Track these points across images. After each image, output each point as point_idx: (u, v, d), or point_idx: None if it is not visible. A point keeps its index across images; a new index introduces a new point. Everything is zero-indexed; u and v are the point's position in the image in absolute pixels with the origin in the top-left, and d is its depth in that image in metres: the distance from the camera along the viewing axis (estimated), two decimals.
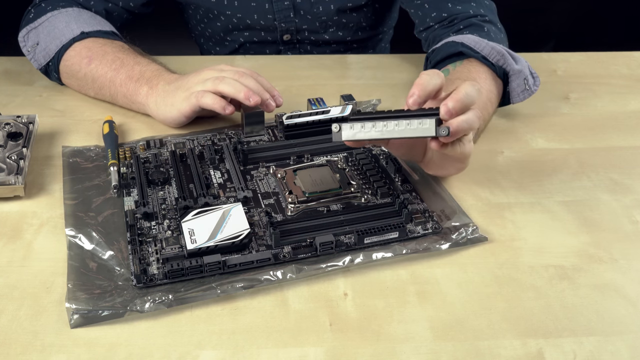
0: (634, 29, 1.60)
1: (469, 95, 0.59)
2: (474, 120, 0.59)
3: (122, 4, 0.94)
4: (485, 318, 0.56)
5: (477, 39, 0.81)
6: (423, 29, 0.92)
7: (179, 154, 0.73)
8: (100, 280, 0.57)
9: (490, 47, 0.80)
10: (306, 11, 1.00)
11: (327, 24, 1.02)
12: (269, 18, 1.00)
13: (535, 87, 0.82)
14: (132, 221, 0.63)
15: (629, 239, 0.65)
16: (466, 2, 0.89)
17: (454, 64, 0.80)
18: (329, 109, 0.77)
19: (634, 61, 1.02)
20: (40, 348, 0.52)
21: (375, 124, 0.60)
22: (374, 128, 0.60)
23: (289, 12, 1.00)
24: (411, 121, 0.59)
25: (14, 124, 0.76)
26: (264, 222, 0.64)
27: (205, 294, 0.56)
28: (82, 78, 0.84)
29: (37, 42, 0.86)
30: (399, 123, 0.59)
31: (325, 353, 0.52)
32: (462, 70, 0.78)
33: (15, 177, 0.67)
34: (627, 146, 0.81)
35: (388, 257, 0.61)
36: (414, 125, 0.59)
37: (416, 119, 0.59)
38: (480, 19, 0.87)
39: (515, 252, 0.63)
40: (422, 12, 0.92)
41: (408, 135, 0.59)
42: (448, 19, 0.89)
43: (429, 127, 0.58)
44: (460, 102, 0.58)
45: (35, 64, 0.87)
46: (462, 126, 0.58)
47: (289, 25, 1.02)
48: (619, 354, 0.53)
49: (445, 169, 0.68)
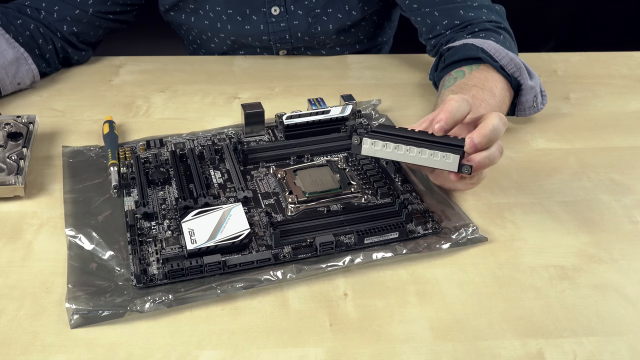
0: (634, 29, 1.60)
1: (496, 130, 0.59)
2: (496, 155, 0.60)
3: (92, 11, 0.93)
4: (485, 318, 0.56)
5: (497, 46, 0.80)
6: (432, 36, 0.91)
7: (179, 154, 0.73)
8: (100, 281, 0.57)
9: (509, 58, 0.79)
10: (303, 33, 0.99)
11: (325, 42, 1.01)
12: (264, 39, 0.99)
13: (542, 106, 0.82)
14: (132, 221, 0.63)
15: (629, 239, 0.65)
16: (478, 9, 0.88)
17: (470, 66, 0.79)
18: (329, 109, 0.77)
19: (634, 61, 1.02)
20: (40, 348, 0.52)
21: (398, 146, 0.59)
22: (396, 150, 0.59)
23: (285, 34, 0.99)
24: (435, 152, 0.58)
25: (14, 124, 0.76)
26: (264, 222, 0.64)
27: (205, 294, 0.56)
28: None
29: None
30: (423, 152, 0.58)
31: (326, 353, 0.52)
32: (478, 76, 0.77)
33: (15, 177, 0.67)
34: (627, 146, 0.81)
35: (388, 257, 0.61)
36: (438, 157, 0.58)
37: (440, 152, 0.58)
38: (494, 24, 0.87)
39: (515, 252, 0.63)
40: (432, 20, 0.90)
41: (429, 165, 0.59)
42: (460, 25, 0.88)
43: (452, 163, 0.58)
44: (486, 138, 0.58)
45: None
46: (484, 163, 0.59)
47: (285, 46, 1.01)
48: (619, 354, 0.53)
49: (456, 186, 0.68)
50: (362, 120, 0.81)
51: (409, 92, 0.92)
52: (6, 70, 0.85)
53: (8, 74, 0.85)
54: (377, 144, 0.59)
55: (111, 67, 0.96)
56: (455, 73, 0.79)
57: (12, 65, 0.86)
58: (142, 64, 0.98)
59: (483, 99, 0.73)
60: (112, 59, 0.98)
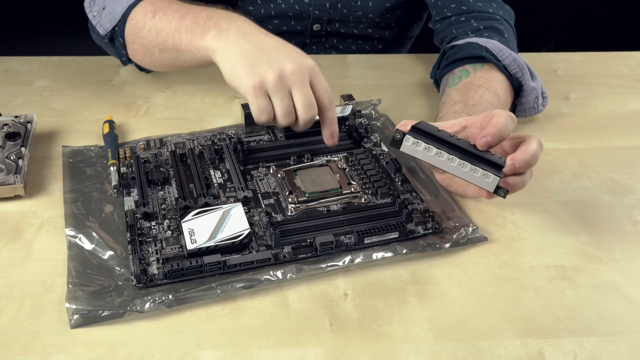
0: (634, 29, 1.59)
1: (536, 156, 0.59)
2: (527, 180, 0.61)
3: None
4: (485, 318, 0.56)
5: (501, 46, 0.80)
6: (439, 19, 0.92)
7: (179, 153, 0.73)
8: (100, 281, 0.57)
9: (512, 58, 0.79)
10: (343, 4, 0.99)
11: (360, 20, 1.02)
12: (304, 3, 0.99)
13: (542, 107, 0.83)
14: (132, 221, 0.63)
15: (629, 239, 0.65)
16: (488, 1, 0.89)
17: (474, 66, 0.79)
18: None
19: (634, 61, 1.02)
20: (41, 348, 0.52)
21: (440, 153, 0.58)
22: (437, 156, 0.58)
23: (326, 2, 0.99)
24: (476, 169, 0.58)
25: (12, 124, 0.76)
26: (264, 222, 0.64)
27: (206, 294, 0.56)
28: (147, 35, 0.77)
29: (104, 6, 0.82)
30: (464, 165, 0.58)
31: (326, 353, 0.52)
32: (483, 76, 0.77)
33: (14, 176, 0.67)
34: (627, 146, 0.81)
35: (388, 257, 0.61)
36: (478, 174, 0.58)
37: (481, 169, 0.58)
38: (499, 21, 0.87)
39: (516, 252, 0.63)
40: (442, 3, 0.91)
41: (466, 178, 0.59)
42: (466, 13, 0.88)
43: (491, 183, 0.58)
44: (526, 163, 0.59)
45: (100, 29, 0.82)
46: (517, 187, 0.60)
47: (322, 14, 1.01)
48: (619, 354, 0.53)
49: (466, 193, 0.68)
50: (362, 120, 0.81)
51: (409, 92, 0.92)
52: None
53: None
54: (420, 145, 0.58)
55: (111, 67, 0.96)
56: (459, 72, 0.79)
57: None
58: None
59: (489, 101, 0.73)
60: (112, 59, 0.98)
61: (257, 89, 0.65)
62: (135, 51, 0.81)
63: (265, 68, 0.65)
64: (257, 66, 0.65)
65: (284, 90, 0.65)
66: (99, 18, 0.82)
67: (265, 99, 0.66)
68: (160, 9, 0.77)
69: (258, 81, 0.65)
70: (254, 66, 0.65)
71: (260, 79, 0.65)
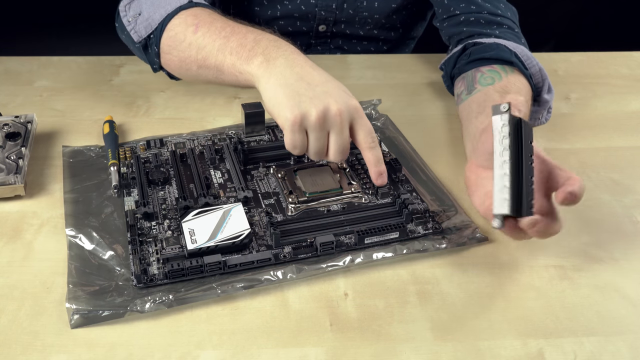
0: (634, 29, 1.59)
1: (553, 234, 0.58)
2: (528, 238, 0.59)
3: None
4: (485, 318, 0.56)
5: (528, 54, 0.79)
6: (446, 17, 0.90)
7: (179, 154, 0.73)
8: (100, 281, 0.57)
9: (538, 68, 0.78)
10: (350, 4, 0.99)
11: (366, 20, 1.02)
12: (311, 3, 0.99)
13: (545, 120, 0.82)
14: (132, 221, 0.63)
15: (629, 239, 0.65)
16: (497, 1, 0.88)
17: (504, 68, 0.78)
18: None
19: (634, 61, 1.02)
20: (41, 348, 0.52)
21: (505, 160, 0.56)
22: (502, 149, 0.56)
23: (332, 3, 0.99)
24: (505, 190, 0.55)
25: (12, 124, 0.76)
26: (264, 222, 0.64)
27: (206, 294, 0.56)
28: (186, 48, 0.75)
29: (140, 12, 0.80)
30: (506, 178, 0.55)
31: (326, 353, 0.52)
32: (516, 83, 0.75)
33: (14, 176, 0.67)
34: (628, 146, 0.81)
35: (388, 257, 0.61)
36: (504, 194, 0.55)
37: (509, 197, 0.55)
38: (510, 21, 0.86)
39: (516, 252, 0.63)
40: (448, 1, 0.90)
41: (495, 187, 0.56)
42: (475, 13, 0.87)
43: (501, 209, 0.55)
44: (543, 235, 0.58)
45: (135, 36, 0.79)
46: (541, 237, 0.59)
47: (328, 15, 1.01)
48: (619, 354, 0.53)
49: (472, 197, 0.66)
50: None
51: (409, 92, 0.92)
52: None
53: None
54: (505, 129, 0.56)
55: (111, 67, 0.96)
56: (490, 72, 0.78)
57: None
58: (142, 63, 0.97)
59: (521, 110, 0.72)
60: (112, 59, 0.98)
61: (296, 123, 0.62)
62: (170, 62, 0.79)
63: (309, 105, 0.62)
64: (301, 101, 0.62)
65: (323, 130, 0.63)
66: (134, 24, 0.80)
67: (302, 135, 0.63)
68: (203, 25, 0.74)
69: (299, 116, 0.62)
70: (297, 100, 0.62)
71: (302, 114, 0.62)
